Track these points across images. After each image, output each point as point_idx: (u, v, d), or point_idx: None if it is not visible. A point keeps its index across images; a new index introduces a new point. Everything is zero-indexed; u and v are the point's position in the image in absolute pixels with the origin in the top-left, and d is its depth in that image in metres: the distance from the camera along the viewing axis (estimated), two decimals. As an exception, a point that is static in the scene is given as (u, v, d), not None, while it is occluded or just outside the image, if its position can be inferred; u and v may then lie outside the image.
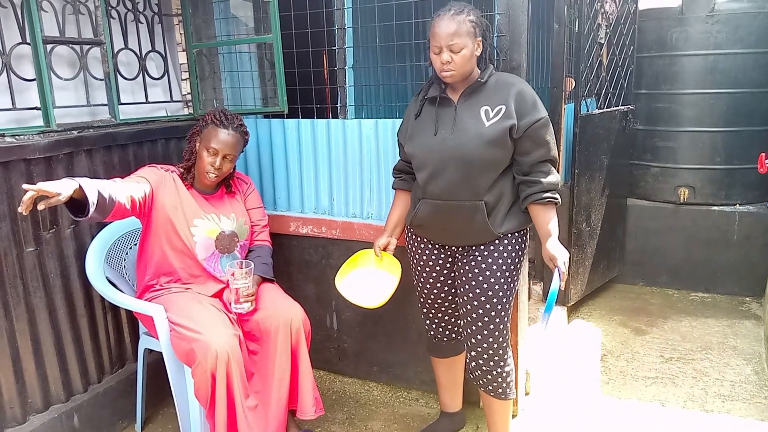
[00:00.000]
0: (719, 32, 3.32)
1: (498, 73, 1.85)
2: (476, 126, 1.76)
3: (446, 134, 1.79)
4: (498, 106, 1.76)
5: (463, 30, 1.70)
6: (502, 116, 1.74)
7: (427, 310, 2.11)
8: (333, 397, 2.54)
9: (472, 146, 1.75)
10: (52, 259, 2.06)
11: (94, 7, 2.23)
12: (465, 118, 1.78)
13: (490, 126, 1.74)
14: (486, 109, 1.77)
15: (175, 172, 2.13)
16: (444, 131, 1.80)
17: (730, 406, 2.41)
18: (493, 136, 1.73)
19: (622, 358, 2.85)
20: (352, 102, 2.58)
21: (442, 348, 2.14)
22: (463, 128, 1.77)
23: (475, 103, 1.79)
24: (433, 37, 1.74)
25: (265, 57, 2.85)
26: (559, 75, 3.12)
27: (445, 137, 1.79)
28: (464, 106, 1.80)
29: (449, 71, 1.74)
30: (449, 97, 1.83)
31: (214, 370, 1.82)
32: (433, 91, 1.86)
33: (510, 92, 1.77)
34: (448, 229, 1.89)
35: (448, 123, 1.81)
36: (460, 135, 1.77)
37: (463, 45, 1.71)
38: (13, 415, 1.98)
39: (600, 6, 3.13)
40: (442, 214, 1.85)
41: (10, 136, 1.95)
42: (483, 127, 1.75)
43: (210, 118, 2.08)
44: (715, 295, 3.56)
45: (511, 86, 1.78)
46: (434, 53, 1.75)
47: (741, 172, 3.51)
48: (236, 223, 2.16)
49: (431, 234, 1.95)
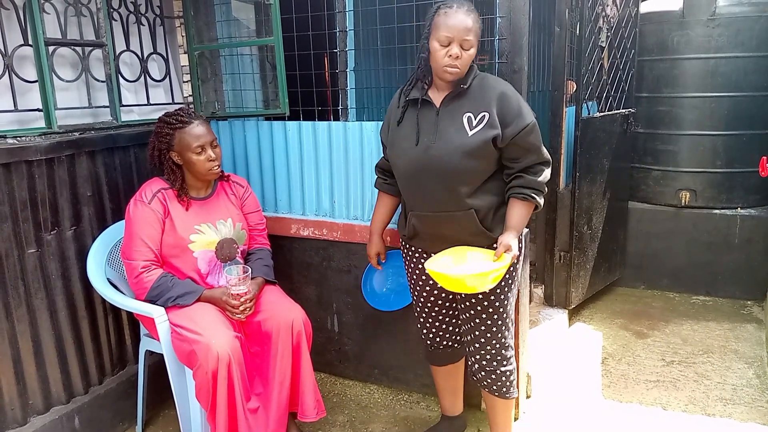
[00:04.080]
0: (720, 36, 3.33)
1: (481, 74, 1.77)
2: (459, 136, 1.69)
3: (428, 142, 1.73)
4: (481, 113, 1.69)
5: (475, 29, 1.66)
6: (485, 125, 1.68)
7: (424, 319, 2.07)
8: (334, 400, 2.54)
9: (455, 158, 1.69)
10: (53, 260, 2.06)
11: (96, 9, 2.24)
12: (447, 125, 1.72)
13: (473, 136, 1.68)
14: (469, 116, 1.70)
15: (160, 191, 2.04)
16: (426, 139, 1.73)
17: (732, 410, 2.40)
18: (475, 147, 1.68)
19: (623, 361, 2.84)
20: (353, 104, 2.59)
21: (441, 357, 2.12)
22: (445, 138, 1.71)
23: (457, 108, 1.72)
24: (443, 27, 1.63)
25: (266, 59, 2.86)
26: (560, 78, 3.12)
27: (427, 146, 1.73)
28: (446, 111, 1.74)
29: (455, 68, 1.66)
30: (431, 101, 1.76)
31: (215, 371, 1.82)
32: (416, 93, 1.78)
33: (492, 97, 1.70)
34: (443, 240, 1.83)
35: (429, 130, 1.74)
36: (442, 145, 1.70)
37: (472, 44, 1.66)
38: (14, 417, 1.98)
39: (601, 9, 3.14)
40: (434, 225, 1.82)
41: (12, 138, 1.96)
42: (466, 136, 1.69)
43: (169, 127, 1.99)
44: (716, 299, 3.56)
45: (493, 90, 1.71)
46: (441, 45, 1.64)
47: (742, 176, 3.51)
48: (233, 229, 2.14)
49: (427, 244, 1.91)
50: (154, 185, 2.05)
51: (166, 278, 1.98)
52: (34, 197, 1.98)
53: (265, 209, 2.60)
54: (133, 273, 1.97)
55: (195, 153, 1.99)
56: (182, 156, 2.01)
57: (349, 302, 2.56)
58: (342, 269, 2.54)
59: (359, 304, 2.52)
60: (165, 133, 2.00)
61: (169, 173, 2.05)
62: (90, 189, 2.19)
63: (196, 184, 2.10)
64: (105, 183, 2.25)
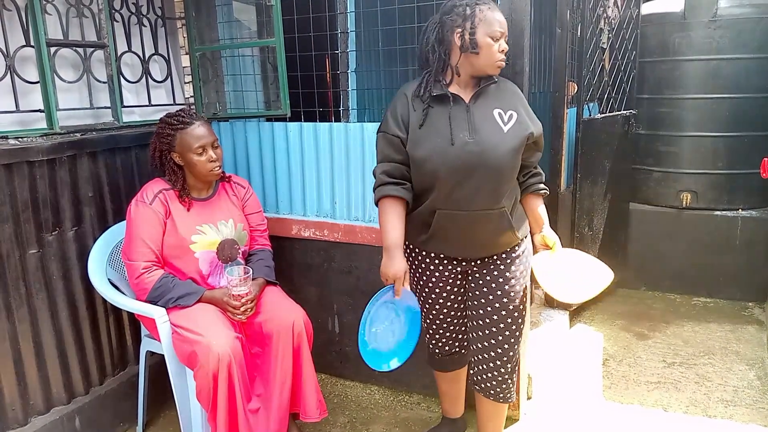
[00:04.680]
0: (722, 37, 3.33)
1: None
2: (496, 130, 1.66)
3: (465, 138, 1.65)
4: (509, 111, 1.70)
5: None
6: (516, 122, 1.69)
7: (435, 328, 1.99)
8: (335, 401, 2.54)
9: (499, 153, 1.65)
10: (54, 261, 2.07)
11: (97, 10, 2.24)
12: (481, 121, 1.67)
13: (509, 131, 1.67)
14: (499, 112, 1.69)
15: (162, 192, 2.04)
16: (462, 135, 1.65)
17: (733, 412, 2.40)
18: (516, 142, 1.67)
19: (624, 362, 2.84)
20: (354, 105, 2.59)
21: (449, 363, 2.08)
22: (484, 132, 1.66)
23: (486, 104, 1.70)
24: (495, 22, 1.63)
25: (267, 60, 2.86)
26: (561, 79, 3.12)
27: (465, 142, 1.64)
28: (476, 107, 1.69)
29: (504, 62, 1.67)
30: (461, 97, 1.70)
31: (216, 372, 1.82)
32: (438, 90, 1.69)
33: (515, 99, 1.74)
34: (471, 240, 1.77)
35: (462, 125, 1.66)
36: (482, 140, 1.65)
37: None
38: (15, 417, 1.98)
39: (602, 11, 3.14)
40: (465, 225, 1.72)
41: (14, 139, 1.96)
42: (502, 132, 1.67)
43: (170, 128, 1.99)
44: (717, 300, 3.55)
45: (513, 93, 1.75)
46: (493, 39, 1.63)
47: (743, 177, 3.51)
48: (235, 229, 2.14)
49: (447, 248, 1.81)
50: (156, 186, 2.05)
51: (167, 279, 1.98)
52: (35, 198, 1.98)
53: (266, 210, 2.60)
54: (134, 274, 1.97)
55: (196, 154, 1.99)
56: (183, 157, 2.01)
57: (350, 303, 2.56)
58: (343, 270, 2.54)
59: (360, 305, 2.51)
60: (166, 134, 2.00)
61: (171, 174, 2.05)
62: (91, 190, 2.19)
63: (198, 184, 2.10)
64: (106, 184, 2.26)
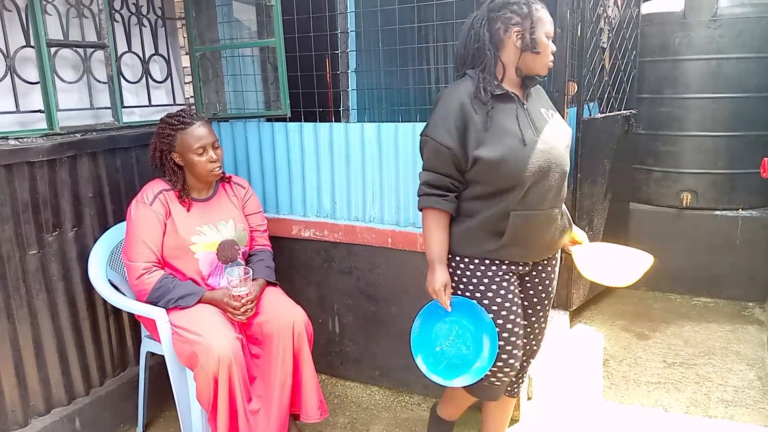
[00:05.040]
0: (722, 37, 3.32)
1: None
2: (554, 129, 1.68)
3: (533, 137, 1.62)
4: (550, 111, 1.73)
5: None
6: (560, 121, 1.73)
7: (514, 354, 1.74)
8: (335, 402, 2.54)
9: (561, 150, 1.67)
10: (54, 262, 2.06)
11: (97, 11, 2.24)
12: (538, 119, 1.67)
13: (561, 129, 1.72)
14: (545, 111, 1.72)
15: (162, 192, 2.03)
16: (529, 134, 1.61)
17: (733, 412, 2.40)
18: (568, 140, 1.72)
19: (624, 363, 2.84)
20: (354, 106, 2.59)
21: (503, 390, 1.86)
22: (546, 131, 1.64)
23: (534, 103, 1.71)
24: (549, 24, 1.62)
25: (267, 60, 2.86)
26: (561, 79, 3.11)
27: (534, 141, 1.61)
28: (529, 106, 1.69)
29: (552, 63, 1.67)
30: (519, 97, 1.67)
31: (216, 373, 1.82)
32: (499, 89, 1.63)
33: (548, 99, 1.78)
34: (542, 241, 1.72)
35: (527, 125, 1.63)
36: (547, 139, 1.63)
37: None
38: (15, 418, 1.99)
39: (603, 10, 3.13)
40: (538, 225, 1.67)
41: (14, 139, 1.96)
42: (558, 130, 1.70)
43: (171, 128, 1.99)
44: (717, 300, 3.55)
45: (544, 93, 1.78)
46: (550, 40, 1.63)
47: (744, 177, 3.50)
48: (235, 230, 2.14)
49: (519, 252, 1.70)
50: (156, 186, 2.05)
51: (167, 280, 1.98)
52: (35, 198, 1.98)
53: (266, 210, 2.60)
54: (135, 274, 1.97)
55: (196, 154, 1.99)
56: (184, 157, 2.01)
57: (351, 304, 2.56)
58: (343, 270, 2.54)
59: (360, 305, 2.52)
60: (166, 134, 2.00)
61: (171, 174, 2.05)
62: (91, 190, 2.19)
63: (198, 185, 2.10)
64: (106, 184, 2.26)
